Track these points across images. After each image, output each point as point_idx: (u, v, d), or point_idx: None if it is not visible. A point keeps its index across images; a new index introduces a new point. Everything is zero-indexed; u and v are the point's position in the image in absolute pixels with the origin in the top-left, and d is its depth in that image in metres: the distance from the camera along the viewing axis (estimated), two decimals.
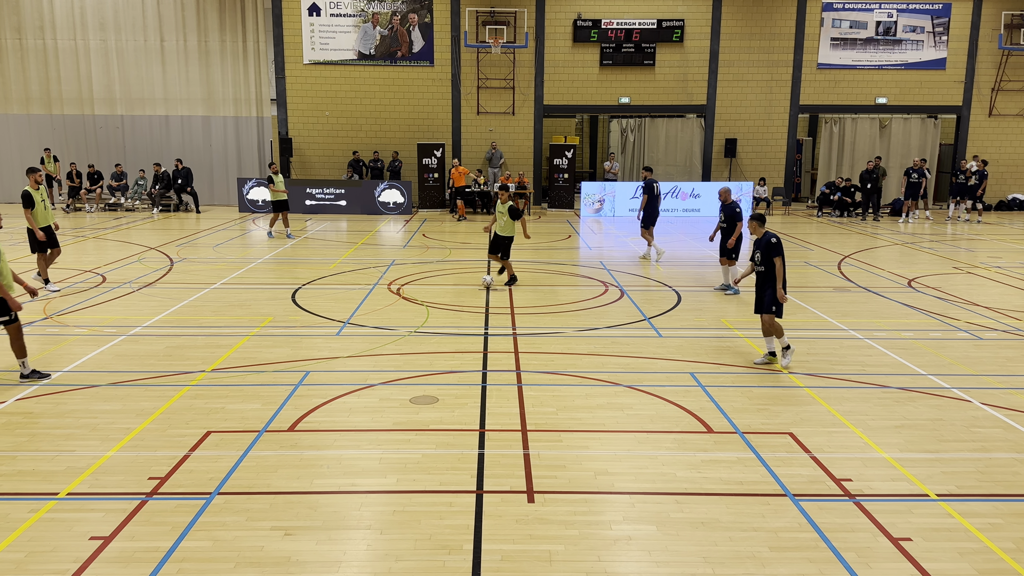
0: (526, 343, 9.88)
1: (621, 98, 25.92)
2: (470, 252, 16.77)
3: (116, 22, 24.94)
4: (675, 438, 6.95)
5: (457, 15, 25.15)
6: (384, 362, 9.06)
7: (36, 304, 11.58)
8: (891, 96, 26.13)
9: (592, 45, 25.54)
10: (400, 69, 25.54)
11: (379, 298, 12.40)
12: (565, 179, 25.46)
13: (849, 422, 7.33)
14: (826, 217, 24.22)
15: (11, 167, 25.52)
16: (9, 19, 24.75)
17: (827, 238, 19.62)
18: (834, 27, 25.74)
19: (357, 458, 6.49)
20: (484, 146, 25.96)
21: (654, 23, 25.32)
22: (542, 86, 25.74)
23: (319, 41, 25.23)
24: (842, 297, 12.76)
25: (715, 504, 5.74)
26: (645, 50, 25.50)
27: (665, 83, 25.84)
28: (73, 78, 25.20)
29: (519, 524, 5.43)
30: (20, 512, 5.50)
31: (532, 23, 25.26)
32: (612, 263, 15.87)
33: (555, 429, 7.11)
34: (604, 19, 25.32)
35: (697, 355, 9.46)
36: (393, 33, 25.26)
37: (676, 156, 26.79)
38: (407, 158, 25.66)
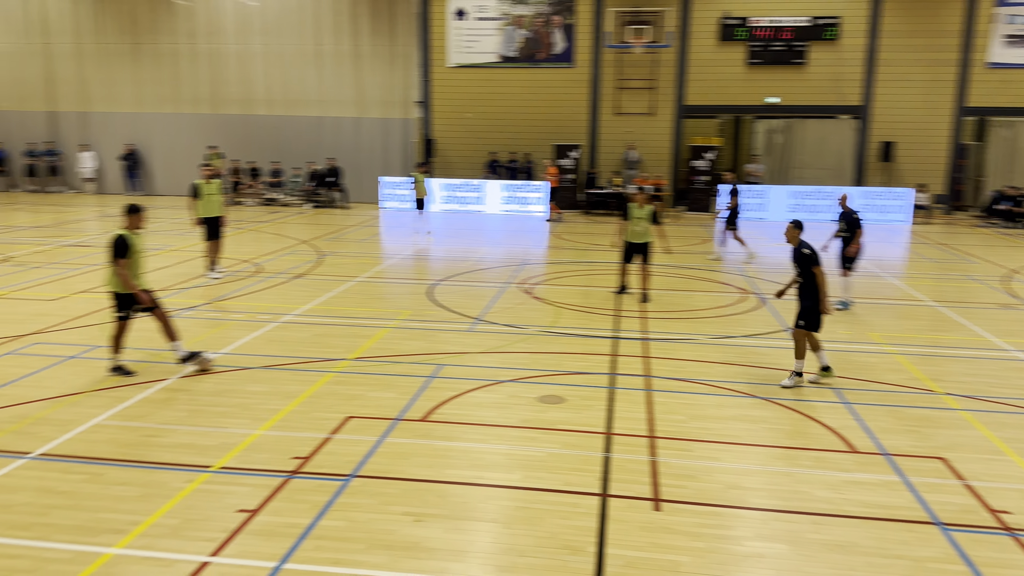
0: (657, 348, 9.73)
1: (768, 98, 24.96)
2: (602, 254, 16.68)
3: (278, 27, 26.58)
4: (814, 456, 6.63)
5: (599, 16, 25.07)
6: (513, 360, 9.18)
7: (199, 291, 12.54)
8: None
9: (738, 44, 24.75)
10: (540, 71, 25.75)
11: (510, 297, 12.57)
12: (705, 182, 24.82)
13: (1010, 450, 6.73)
14: (993, 228, 22.34)
15: (182, 163, 27.74)
16: (184, 25, 26.92)
17: (993, 250, 18.10)
18: (1008, 23, 23.67)
19: (485, 452, 6.62)
20: (621, 146, 25.73)
21: (807, 20, 24.22)
22: (684, 86, 25.21)
23: (463, 44, 25.86)
24: (1007, 315, 11.74)
25: (855, 527, 5.44)
26: (795, 48, 24.42)
27: (816, 82, 24.66)
28: (237, 80, 27.08)
29: (644, 531, 5.35)
30: (178, 481, 5.98)
31: (676, 22, 24.79)
32: (752, 269, 15.33)
33: (684, 438, 6.96)
34: (752, 17, 24.47)
35: (842, 370, 8.98)
36: (535, 35, 25.51)
37: (826, 159, 25.49)
38: (544, 159, 25.84)
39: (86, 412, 7.28)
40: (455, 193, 24.92)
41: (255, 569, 4.83)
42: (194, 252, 15.82)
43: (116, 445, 6.60)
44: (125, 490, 5.81)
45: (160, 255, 15.60)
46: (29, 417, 7.15)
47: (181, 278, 13.37)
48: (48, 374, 8.35)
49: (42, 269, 13.94)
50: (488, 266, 15.41)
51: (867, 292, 13.19)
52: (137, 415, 7.26)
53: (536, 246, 18.46)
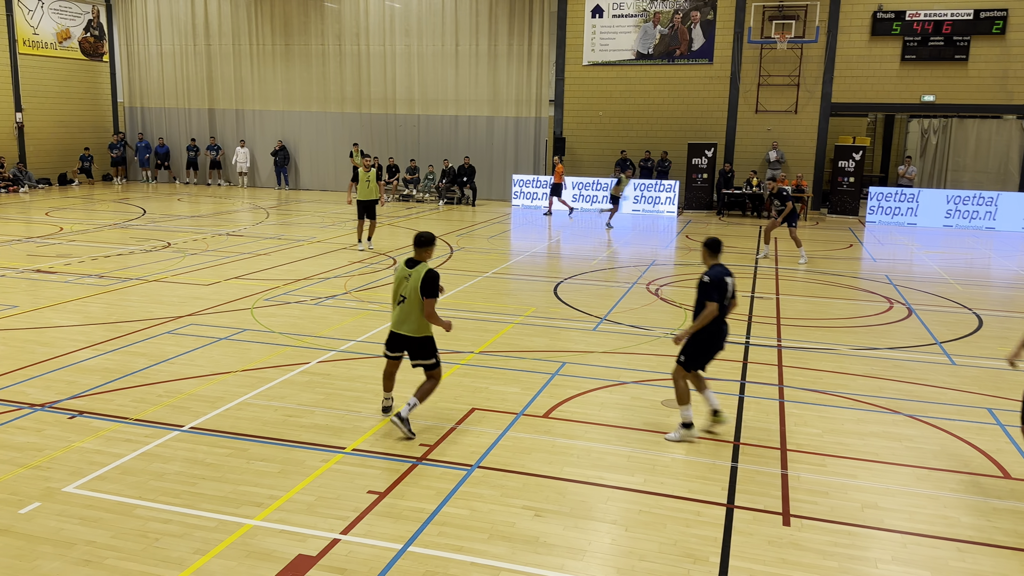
0: (792, 357, 9.33)
1: (924, 96, 23.38)
2: (735, 257, 16.17)
3: (419, 28, 27.43)
4: (962, 479, 6.16)
5: (742, 11, 24.30)
6: (638, 361, 9.06)
7: (338, 281, 13.15)
8: None
9: (893, 39, 23.31)
10: (676, 68, 25.25)
11: (637, 297, 12.41)
12: (850, 183, 23.57)
13: None
14: None
15: (327, 159, 29.16)
16: (331, 27, 28.27)
17: None
18: None
19: (606, 452, 6.57)
20: (759, 145, 24.84)
21: (970, 13, 22.49)
22: (831, 83, 24.02)
23: (599, 42, 25.75)
24: None
25: (1006, 559, 5.01)
26: (957, 43, 22.74)
27: (979, 80, 22.85)
28: (380, 80, 28.16)
29: (771, 546, 5.15)
30: (314, 461, 6.29)
31: (825, 16, 23.65)
32: (900, 278, 14.43)
33: (819, 452, 6.64)
34: (909, 10, 22.99)
35: (999, 389, 8.29)
36: (673, 32, 25.05)
37: (988, 162, 23.64)
38: (676, 158, 25.34)
39: (234, 391, 7.79)
40: (584, 192, 24.86)
41: (382, 549, 5.02)
42: (337, 243, 16.60)
43: (259, 423, 7.02)
44: (266, 466, 6.18)
45: (305, 246, 16.46)
46: (183, 393, 7.73)
47: (323, 267, 14.06)
48: (201, 353, 9.00)
49: (199, 256, 15.05)
50: (615, 265, 15.29)
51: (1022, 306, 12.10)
52: (279, 396, 7.69)
53: (665, 246, 18.13)
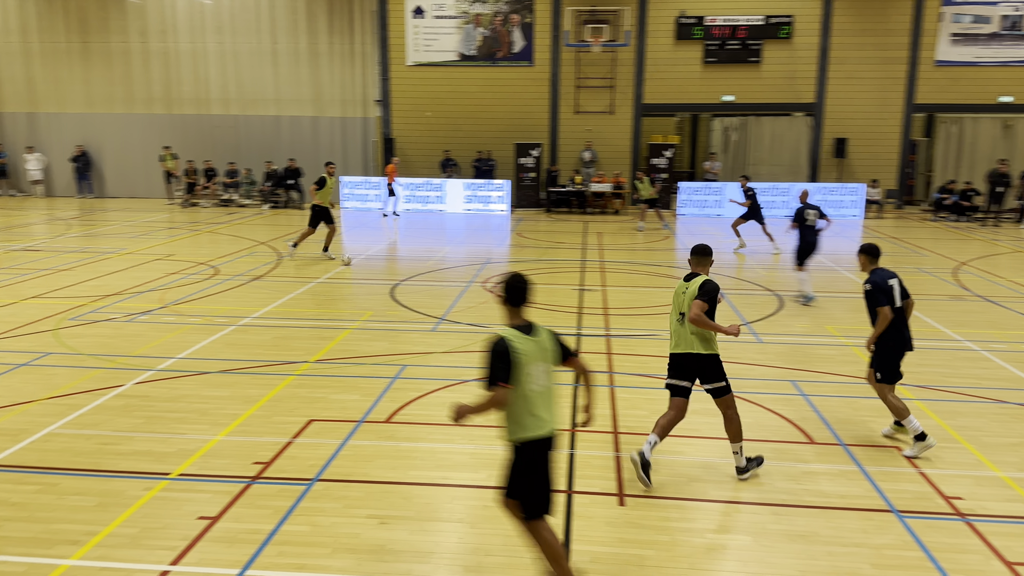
0: (619, 344, 9.80)
1: (724, 96, 25.30)
2: (564, 252, 16.74)
3: (232, 25, 26.16)
4: (774, 447, 6.74)
5: (558, 14, 25.16)
6: (477, 359, 9.16)
7: (154, 294, 12.30)
8: (1017, 94, 24.47)
9: (695, 43, 25.04)
10: (500, 69, 25.75)
11: (474, 296, 12.55)
12: (664, 179, 25.07)
13: (962, 438, 6.92)
14: (942, 222, 22.94)
15: (135, 164, 27.14)
16: (135, 24, 26.34)
17: (942, 243, 18.59)
18: (955, 22, 24.32)
19: (450, 452, 6.60)
20: (581, 145, 25.86)
21: (761, 19, 24.60)
22: (642, 84, 25.44)
23: (423, 43, 25.74)
24: (957, 306, 12.07)
25: (815, 517, 5.54)
26: (751, 47, 24.80)
27: (771, 81, 25.06)
28: (192, 79, 26.60)
29: (609, 526, 5.39)
30: (135, 490, 5.85)
31: (634, 21, 24.98)
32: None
33: (647, 433, 7.01)
34: (708, 16, 24.78)
35: (799, 363, 9.15)
36: (494, 34, 25.51)
37: (782, 156, 25.92)
38: (505, 157, 25.84)
39: (39, 421, 7.09)
40: (416, 192, 24.80)
41: None
42: (150, 254, 15.51)
43: (71, 454, 6.44)
44: (81, 500, 5.68)
45: (115, 259, 15.26)
46: None
47: (136, 281, 13.10)
48: None
49: None
50: (451, 265, 15.37)
51: (823, 286, 13.45)
52: (92, 423, 7.09)
53: (498, 245, 18.46)
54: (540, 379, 4.29)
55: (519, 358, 4.24)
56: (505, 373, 4.23)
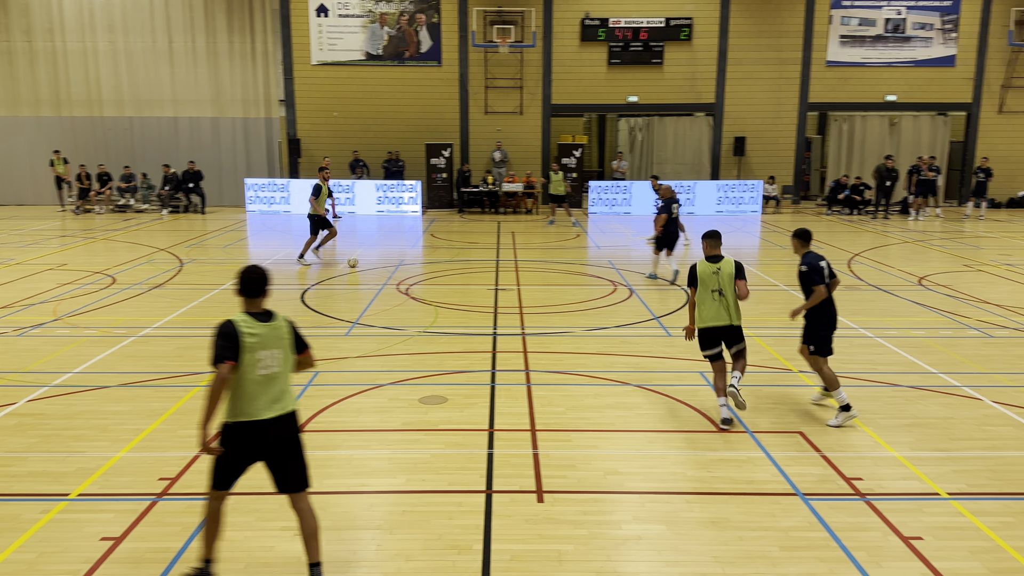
0: (535, 342, 9.88)
1: (629, 97, 25.87)
2: (478, 252, 16.77)
3: (124, 24, 25.03)
4: (685, 437, 6.93)
5: (465, 15, 25.17)
6: (393, 362, 9.08)
7: (46, 306, 11.65)
8: (901, 93, 25.98)
9: (600, 44, 25.50)
10: (408, 69, 25.56)
11: (388, 298, 12.42)
12: (574, 178, 25.44)
13: (859, 421, 7.29)
14: (836, 215, 24.11)
15: (22, 169, 25.65)
16: (18, 22, 24.88)
17: (837, 236, 19.53)
18: (843, 24, 25.62)
19: (367, 458, 6.50)
20: (491, 145, 25.95)
21: (662, 22, 25.27)
22: (550, 85, 25.73)
23: (327, 42, 25.29)
24: (852, 295, 12.71)
25: (725, 503, 5.73)
26: (653, 49, 25.44)
27: (673, 81, 25.78)
28: (82, 80, 25.31)
29: (529, 524, 5.43)
30: (31, 513, 5.53)
31: (540, 22, 25.24)
32: (621, 262, 15.84)
33: (564, 429, 7.11)
34: (612, 18, 25.28)
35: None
36: (401, 33, 25.30)
37: (685, 155, 26.72)
38: (416, 158, 25.66)
39: None
40: None
41: None
42: (42, 264, 14.68)
43: None
44: None
45: (2, 269, 14.36)
46: None
47: (26, 292, 12.37)
48: None
49: None
50: (363, 268, 15.16)
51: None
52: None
53: (412, 246, 18.32)
54: (270, 365, 4.55)
55: (246, 342, 4.46)
56: (231, 352, 4.44)
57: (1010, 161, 25.98)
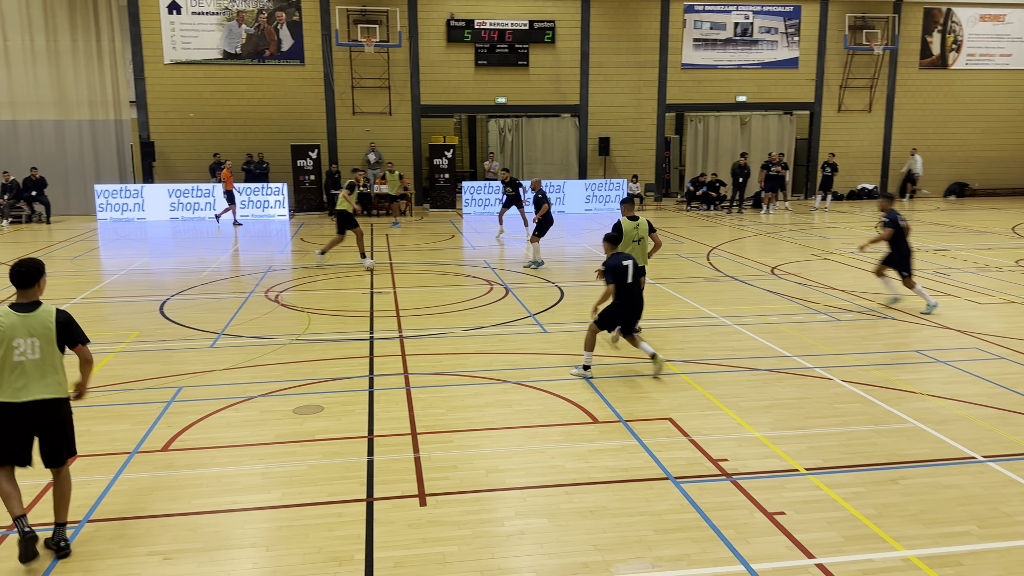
0: (413, 345, 9.81)
1: (498, 98, 26.13)
2: (351, 255, 16.46)
3: None
4: (563, 430, 7.08)
5: (327, 13, 24.61)
6: (264, 373, 8.76)
7: None
8: (750, 94, 27.59)
9: (466, 45, 25.61)
10: (268, 68, 24.73)
11: (256, 306, 11.98)
12: (446, 179, 25.43)
13: (723, 404, 7.69)
14: (695, 211, 25.31)
15: None
16: None
17: (696, 231, 20.51)
18: (696, 29, 26.93)
19: (238, 474, 6.24)
20: (361, 146, 25.54)
21: (526, 24, 25.67)
22: (418, 86, 25.59)
23: (180, 40, 24.07)
24: (712, 286, 13.38)
25: (603, 492, 5.89)
26: (519, 51, 25.80)
27: (539, 83, 26.25)
28: None
29: (411, 528, 5.38)
30: None
31: (405, 22, 25.06)
32: (496, 262, 15.98)
33: (445, 430, 7.09)
34: (477, 19, 25.44)
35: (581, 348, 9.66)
36: (260, 31, 24.44)
37: (553, 155, 27.28)
38: (281, 160, 24.86)
39: None
40: (183, 199, 23.19)
41: None
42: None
43: None
44: None
45: None
46: None
47: None
48: None
49: None
50: (227, 275, 14.54)
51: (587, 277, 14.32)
52: None
53: (279, 251, 17.74)
54: (25, 352, 4.92)
55: (3, 331, 4.89)
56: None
57: (849, 156, 28.14)
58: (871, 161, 28.81)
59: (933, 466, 6.30)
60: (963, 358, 9.14)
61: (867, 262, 15.56)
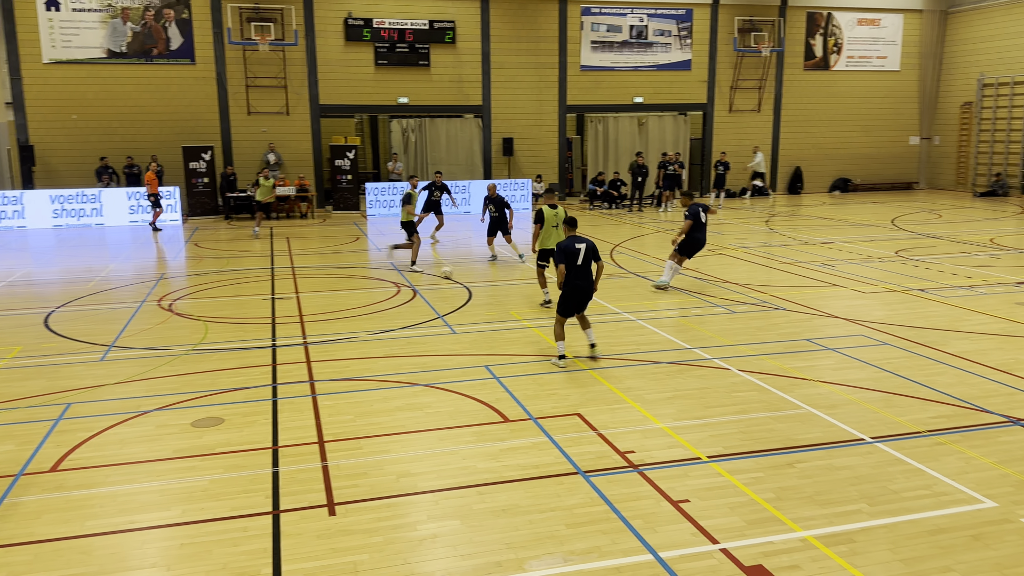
0: (318, 351, 9.60)
1: (399, 98, 25.89)
2: (249, 260, 15.97)
3: None
4: (474, 431, 7.08)
5: (218, 11, 23.78)
6: (159, 386, 8.39)
7: None
8: (646, 95, 28.33)
9: (366, 44, 25.26)
10: (157, 68, 23.69)
11: (149, 316, 11.46)
12: (348, 180, 25.00)
13: (628, 398, 7.87)
14: (597, 210, 25.80)
15: None
16: None
17: (599, 229, 20.90)
18: (593, 31, 27.44)
19: (135, 493, 5.96)
20: (258, 147, 24.79)
21: (426, 24, 25.54)
22: (317, 85, 25.06)
23: (60, 38, 22.74)
24: (616, 283, 13.67)
25: (515, 490, 5.92)
26: (419, 50, 25.64)
27: (441, 83, 26.17)
28: None
29: (321, 539, 5.26)
30: None
31: (301, 21, 24.48)
32: (403, 264, 15.83)
33: (354, 437, 6.97)
34: (376, 18, 25.12)
35: (491, 348, 9.70)
36: (147, 29, 23.38)
37: (458, 155, 27.24)
38: (173, 162, 23.86)
39: None
40: (67, 206, 21.93)
41: None
42: None
43: None
44: None
45: None
46: None
47: None
48: None
49: None
50: (117, 285, 13.85)
51: (502, 275, 14.42)
52: None
53: (173, 257, 17.03)
54: None
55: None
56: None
57: (740, 155, 29.27)
58: None
59: (826, 449, 6.63)
60: (850, 345, 9.67)
61: (761, 256, 16.24)
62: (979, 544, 5.10)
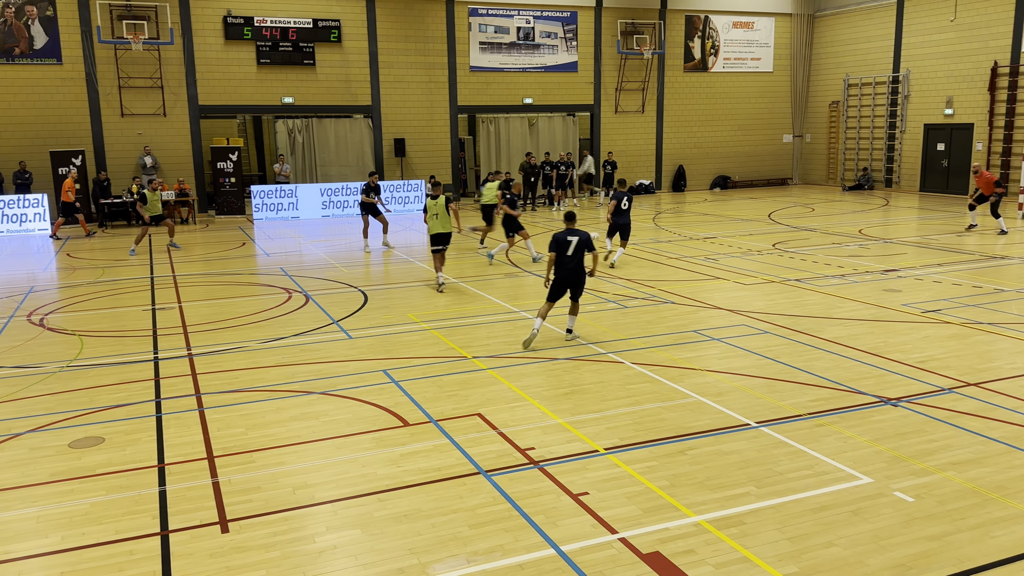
0: (205, 363, 9.21)
1: (284, 98, 25.19)
2: (127, 270, 15.16)
3: None
4: (373, 437, 6.97)
5: (87, 8, 22.46)
6: (32, 406, 7.84)
7: None
8: (536, 96, 28.69)
9: (247, 43, 24.44)
10: (20, 68, 22.14)
11: (18, 332, 10.70)
12: (232, 183, 24.12)
13: (527, 395, 7.95)
14: None
15: None
16: None
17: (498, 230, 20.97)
18: (481, 32, 27.55)
19: (8, 521, 5.55)
20: (133, 150, 23.57)
21: (309, 22, 24.96)
22: (195, 85, 24.06)
23: None
24: (511, 282, 13.78)
25: (416, 495, 5.87)
26: (304, 49, 25.04)
27: (328, 83, 25.64)
28: None
29: (213, 558, 5.05)
30: None
31: (177, 19, 23.44)
32: (294, 268, 15.41)
33: (246, 450, 6.73)
34: (257, 16, 24.36)
35: (388, 352, 9.58)
36: (8, 28, 21.81)
37: (348, 156, 26.76)
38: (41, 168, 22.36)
39: None
40: None
41: None
42: None
43: None
44: None
45: None
46: None
47: None
48: None
49: None
50: None
51: (400, 277, 14.27)
52: None
53: (44, 268, 15.96)
54: None
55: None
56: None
57: (627, 154, 30.10)
58: (646, 158, 31.04)
59: (715, 435, 6.90)
60: (734, 334, 10.11)
61: (649, 252, 16.75)
62: (858, 518, 5.43)
